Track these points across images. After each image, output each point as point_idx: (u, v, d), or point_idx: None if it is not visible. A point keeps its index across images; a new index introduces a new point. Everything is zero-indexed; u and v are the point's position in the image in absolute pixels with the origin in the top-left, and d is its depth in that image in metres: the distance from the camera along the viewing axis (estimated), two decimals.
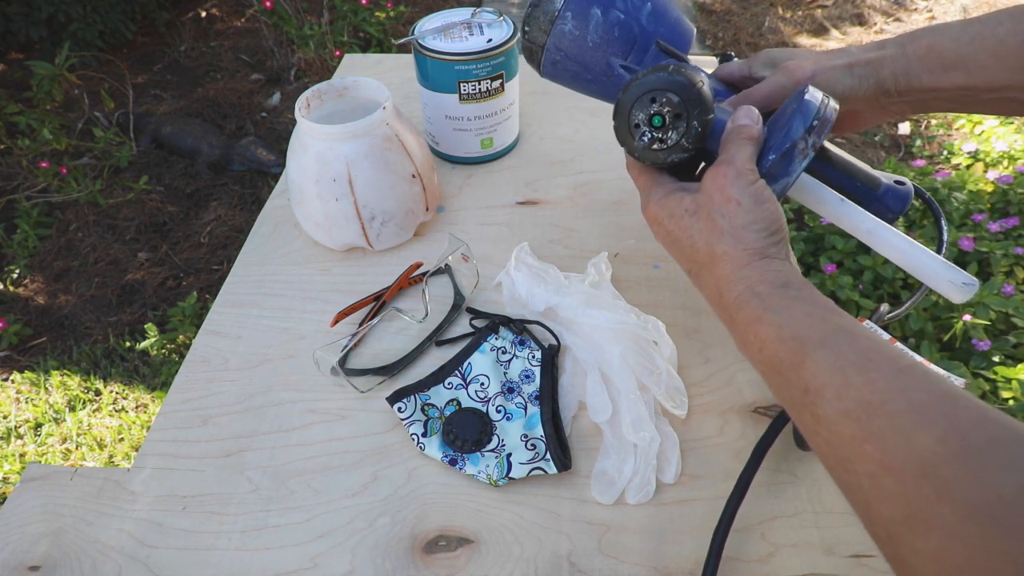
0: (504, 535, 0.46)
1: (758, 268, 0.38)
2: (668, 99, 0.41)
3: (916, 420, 0.27)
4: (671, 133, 0.41)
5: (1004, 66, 0.39)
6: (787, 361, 0.34)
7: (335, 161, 0.59)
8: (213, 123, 2.24)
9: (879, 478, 0.27)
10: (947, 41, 0.40)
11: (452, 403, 0.53)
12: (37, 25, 2.35)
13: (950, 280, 0.39)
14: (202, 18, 2.88)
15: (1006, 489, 0.24)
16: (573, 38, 0.48)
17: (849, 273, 1.38)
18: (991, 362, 1.15)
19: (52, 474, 0.50)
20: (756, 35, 2.73)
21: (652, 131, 0.42)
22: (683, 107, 0.40)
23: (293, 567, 0.44)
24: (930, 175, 1.60)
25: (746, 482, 0.44)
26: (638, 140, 0.42)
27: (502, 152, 0.79)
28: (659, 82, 0.41)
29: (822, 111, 0.40)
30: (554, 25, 0.48)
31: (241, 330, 0.60)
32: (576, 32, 0.48)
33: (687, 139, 0.41)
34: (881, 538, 0.28)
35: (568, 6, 0.47)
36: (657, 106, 0.41)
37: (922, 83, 0.42)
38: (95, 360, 1.54)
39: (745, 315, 0.37)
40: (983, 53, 0.39)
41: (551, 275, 0.61)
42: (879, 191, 0.48)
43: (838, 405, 0.30)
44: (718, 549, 0.42)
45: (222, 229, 1.88)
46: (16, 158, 1.98)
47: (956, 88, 0.41)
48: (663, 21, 0.48)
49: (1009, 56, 0.38)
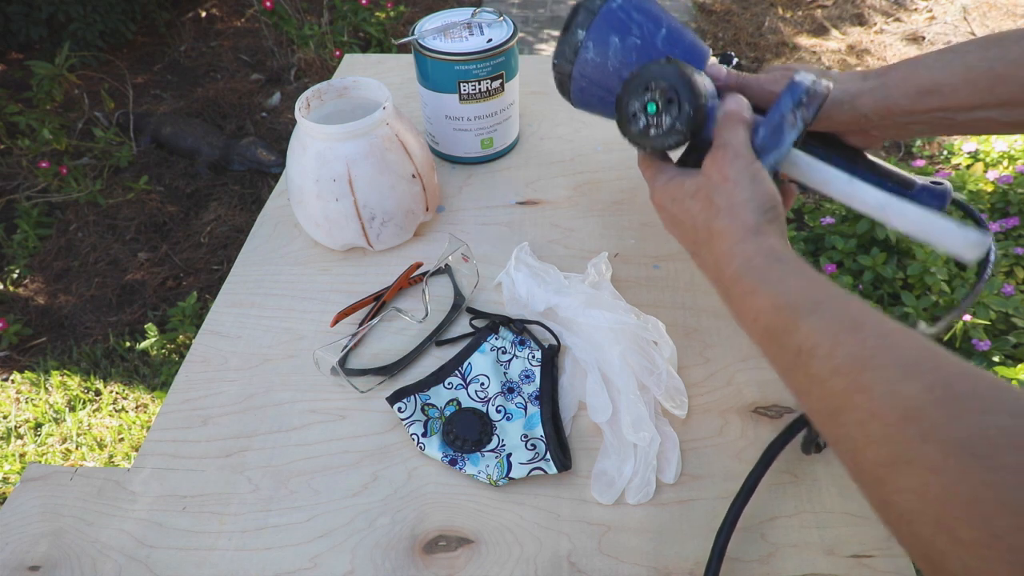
0: (504, 535, 0.46)
1: (753, 243, 0.39)
2: (659, 85, 0.44)
3: (903, 372, 0.29)
4: (665, 117, 0.44)
5: (974, 88, 0.43)
6: (781, 327, 0.35)
7: (335, 161, 0.59)
8: (213, 123, 2.24)
9: (867, 425, 0.29)
10: (922, 69, 0.45)
11: (452, 403, 0.53)
12: (37, 25, 2.35)
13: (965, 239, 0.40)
14: (202, 18, 2.88)
15: (988, 429, 0.25)
16: (596, 65, 0.52)
17: (849, 273, 1.38)
18: (991, 362, 1.15)
19: (52, 474, 0.50)
20: (756, 35, 2.73)
21: (647, 117, 0.45)
22: (673, 92, 0.44)
23: (293, 567, 0.44)
24: (930, 175, 1.60)
25: (753, 483, 0.44)
26: (634, 126, 0.46)
27: (502, 152, 0.79)
28: (650, 72, 0.45)
29: (812, 88, 0.42)
30: (578, 55, 0.52)
31: (241, 330, 0.60)
32: (598, 59, 0.51)
33: (680, 122, 0.44)
34: (868, 483, 0.29)
35: (589, 36, 0.51)
36: (650, 94, 0.44)
37: (901, 107, 0.46)
38: (95, 360, 1.54)
39: (741, 288, 0.39)
40: (954, 78, 0.44)
41: (551, 275, 0.61)
42: (913, 190, 0.49)
43: (829, 363, 0.32)
44: (721, 550, 0.42)
45: (222, 229, 1.88)
46: (16, 158, 1.98)
47: (933, 110, 0.45)
48: (678, 44, 0.51)
49: (978, 79, 0.43)
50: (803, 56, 2.57)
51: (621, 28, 0.51)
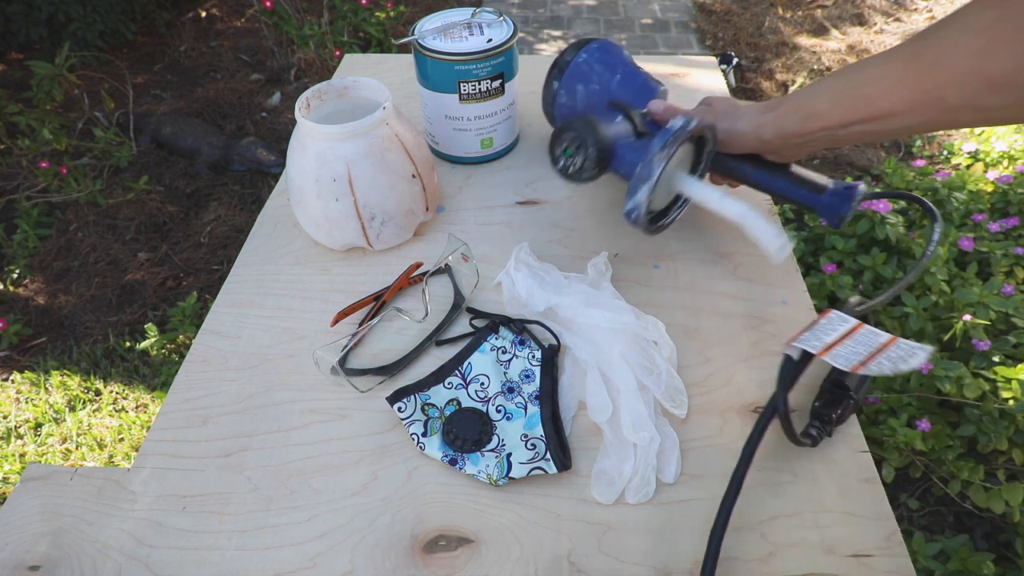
0: (504, 535, 0.46)
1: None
2: (570, 136, 0.57)
3: None
4: (577, 158, 0.57)
5: (841, 110, 0.51)
6: None
7: (335, 161, 0.59)
8: (213, 123, 2.25)
9: None
10: (803, 99, 0.55)
11: (452, 403, 0.53)
12: (37, 25, 2.35)
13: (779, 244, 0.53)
14: (202, 18, 2.88)
15: None
16: (569, 108, 0.68)
17: (849, 273, 1.38)
18: (991, 362, 1.15)
19: (52, 474, 0.50)
20: (756, 35, 2.73)
21: (565, 159, 0.58)
22: (580, 139, 0.56)
23: (293, 567, 0.44)
24: (930, 175, 1.60)
25: (738, 482, 0.45)
26: (557, 165, 0.59)
27: (502, 152, 0.79)
28: (565, 125, 0.57)
29: (679, 132, 0.54)
30: (555, 101, 0.69)
31: (241, 330, 0.60)
32: (570, 103, 0.68)
33: (588, 161, 0.56)
34: None
35: (561, 86, 0.68)
36: (565, 142, 0.57)
37: (793, 132, 0.55)
38: (95, 360, 1.54)
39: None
40: (825, 103, 0.52)
41: (551, 275, 0.61)
42: (824, 194, 0.59)
43: None
44: (715, 551, 0.42)
45: (222, 229, 1.88)
46: (16, 158, 1.98)
47: (818, 131, 0.54)
48: (630, 86, 0.66)
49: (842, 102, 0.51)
50: (803, 56, 2.57)
51: (584, 79, 0.66)
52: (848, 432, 0.52)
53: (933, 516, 1.18)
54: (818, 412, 0.51)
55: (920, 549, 1.01)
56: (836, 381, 0.53)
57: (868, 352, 0.46)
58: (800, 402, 0.53)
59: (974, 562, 0.98)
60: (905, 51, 0.48)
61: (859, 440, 0.51)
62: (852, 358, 0.46)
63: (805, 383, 0.54)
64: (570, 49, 0.68)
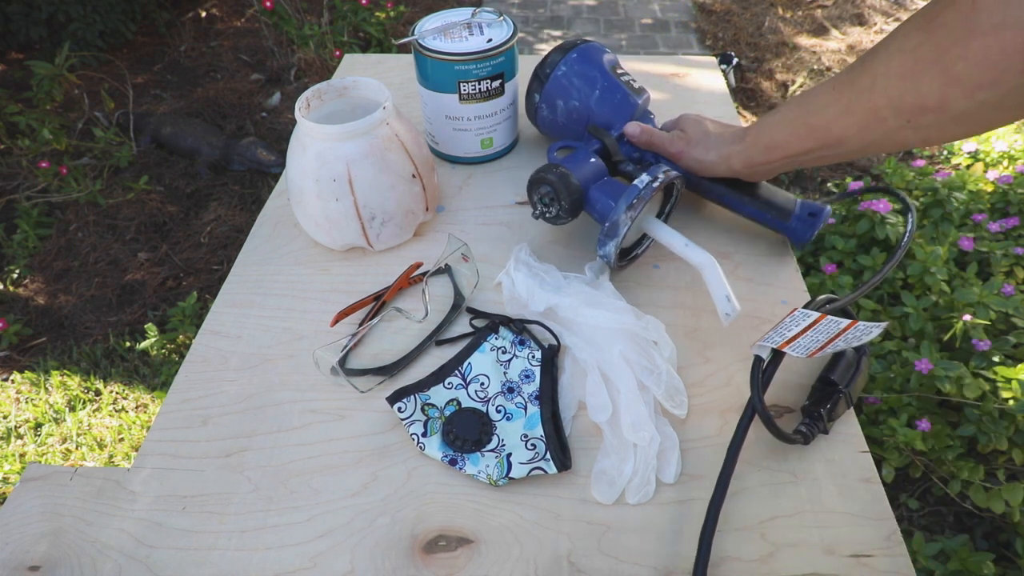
0: (504, 535, 0.46)
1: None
2: (544, 189, 0.60)
3: None
4: (552, 208, 0.61)
5: (798, 139, 0.54)
6: None
7: (335, 161, 0.59)
8: (213, 123, 2.24)
9: None
10: (764, 130, 0.58)
11: (452, 403, 0.53)
12: (37, 25, 2.35)
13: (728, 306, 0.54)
14: (202, 18, 2.88)
15: None
16: (550, 121, 0.72)
17: (849, 273, 1.38)
18: (991, 362, 1.15)
19: (52, 474, 0.50)
20: (756, 35, 2.73)
21: (542, 206, 0.62)
22: (554, 192, 0.60)
23: (293, 567, 0.44)
24: (930, 175, 1.60)
25: (725, 482, 0.45)
26: (536, 211, 0.63)
27: (502, 152, 0.79)
28: (538, 178, 0.61)
29: (644, 192, 0.56)
30: (537, 113, 0.72)
31: (241, 330, 0.60)
32: (551, 117, 0.71)
33: (562, 211, 0.60)
34: None
35: (542, 99, 0.70)
36: (541, 192, 0.61)
37: (758, 161, 0.59)
38: (95, 360, 1.54)
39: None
40: (784, 133, 0.56)
41: (551, 275, 0.61)
42: (789, 221, 0.63)
43: None
44: (706, 551, 0.42)
45: (222, 229, 1.88)
46: (16, 158, 1.98)
47: (781, 159, 0.57)
48: (608, 103, 0.67)
49: (798, 131, 0.54)
50: (803, 56, 2.57)
51: (564, 94, 0.68)
52: (848, 432, 0.52)
53: (933, 516, 1.18)
54: (808, 409, 0.51)
55: (920, 549, 1.01)
56: (823, 378, 0.53)
57: (827, 338, 0.49)
58: (799, 404, 0.53)
59: (974, 562, 0.98)
60: (845, 77, 0.49)
61: (859, 440, 0.51)
62: (810, 346, 0.48)
63: (802, 384, 0.54)
64: (552, 56, 0.69)
